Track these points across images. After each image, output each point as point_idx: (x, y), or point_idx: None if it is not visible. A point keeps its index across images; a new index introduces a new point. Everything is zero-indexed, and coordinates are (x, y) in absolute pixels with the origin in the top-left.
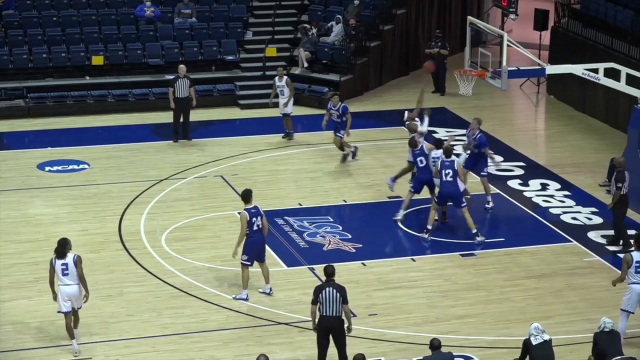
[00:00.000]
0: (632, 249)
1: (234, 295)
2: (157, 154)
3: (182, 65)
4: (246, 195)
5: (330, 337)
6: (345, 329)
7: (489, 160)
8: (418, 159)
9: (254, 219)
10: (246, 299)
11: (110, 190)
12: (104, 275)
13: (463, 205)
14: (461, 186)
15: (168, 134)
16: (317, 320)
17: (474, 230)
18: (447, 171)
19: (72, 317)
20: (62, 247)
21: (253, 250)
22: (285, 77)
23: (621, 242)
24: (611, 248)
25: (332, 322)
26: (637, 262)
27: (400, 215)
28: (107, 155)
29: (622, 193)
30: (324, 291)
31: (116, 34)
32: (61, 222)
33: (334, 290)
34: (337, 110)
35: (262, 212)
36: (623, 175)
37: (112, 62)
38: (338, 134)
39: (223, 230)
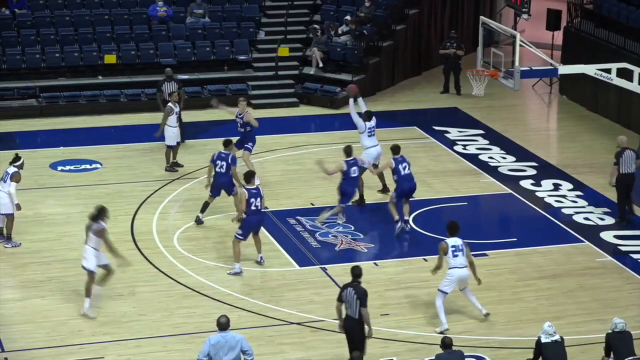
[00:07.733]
0: None
1: (228, 272)
2: None
3: (168, 68)
4: (248, 176)
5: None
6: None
7: None
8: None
9: (252, 199)
10: (240, 272)
11: (122, 190)
12: (116, 275)
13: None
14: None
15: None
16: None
17: (396, 218)
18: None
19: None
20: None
21: (248, 229)
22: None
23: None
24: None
25: (348, 323)
26: (452, 247)
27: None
28: (119, 155)
29: (619, 171)
30: (345, 291)
31: (129, 34)
32: (73, 222)
33: (353, 291)
34: (241, 118)
35: (262, 194)
36: (621, 152)
37: (124, 62)
38: (246, 147)
39: (235, 230)
